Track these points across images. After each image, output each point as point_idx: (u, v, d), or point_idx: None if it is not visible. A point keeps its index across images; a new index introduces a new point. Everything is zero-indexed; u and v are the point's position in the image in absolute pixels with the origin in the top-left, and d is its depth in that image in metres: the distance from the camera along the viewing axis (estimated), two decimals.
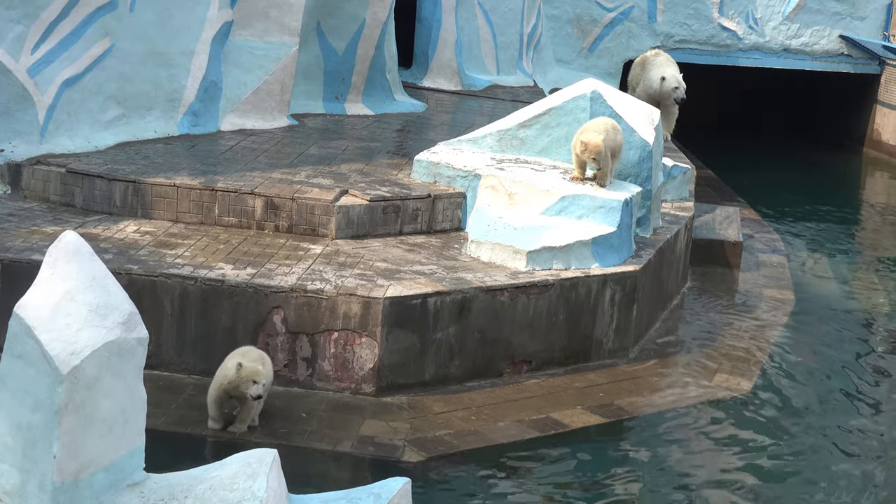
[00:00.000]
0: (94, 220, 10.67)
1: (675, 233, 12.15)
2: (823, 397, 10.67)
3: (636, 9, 22.94)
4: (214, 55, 13.38)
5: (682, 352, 11.25)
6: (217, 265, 9.72)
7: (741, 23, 23.40)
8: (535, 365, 10.20)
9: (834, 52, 23.99)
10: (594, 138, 10.74)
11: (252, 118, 13.87)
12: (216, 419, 8.62)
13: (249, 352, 8.68)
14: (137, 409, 5.37)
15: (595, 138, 10.73)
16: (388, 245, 10.76)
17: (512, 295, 9.98)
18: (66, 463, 5.05)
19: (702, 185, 17.09)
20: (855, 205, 20.63)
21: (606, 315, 10.51)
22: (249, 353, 8.64)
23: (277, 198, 10.80)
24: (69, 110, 11.88)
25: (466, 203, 11.41)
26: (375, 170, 12.14)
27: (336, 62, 15.43)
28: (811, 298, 13.61)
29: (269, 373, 8.65)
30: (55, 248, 5.31)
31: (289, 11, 14.02)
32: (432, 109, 16.48)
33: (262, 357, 8.69)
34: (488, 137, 12.13)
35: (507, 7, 19.65)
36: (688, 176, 13.91)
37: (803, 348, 11.85)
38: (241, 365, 8.39)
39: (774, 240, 16.01)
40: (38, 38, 11.58)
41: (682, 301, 12.70)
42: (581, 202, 10.73)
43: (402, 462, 8.45)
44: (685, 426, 9.73)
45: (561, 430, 9.28)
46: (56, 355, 5.02)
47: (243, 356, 8.57)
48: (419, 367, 9.61)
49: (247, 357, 8.55)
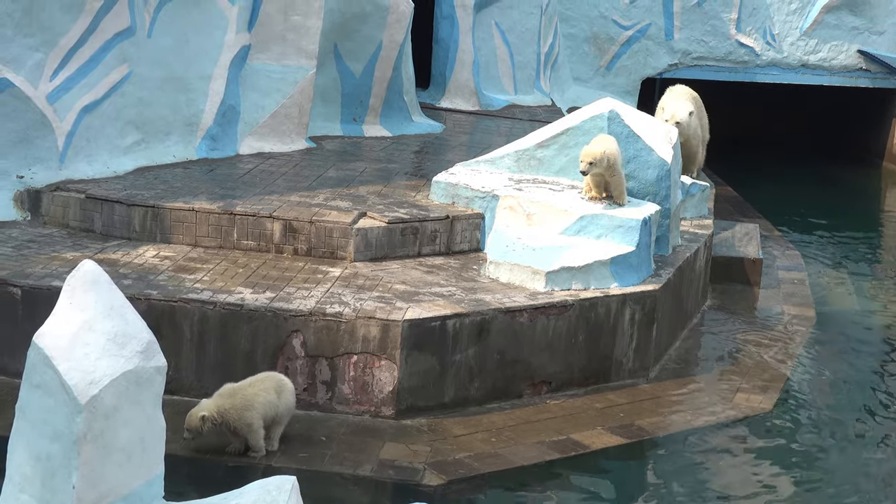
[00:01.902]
0: (114, 246, 10.71)
1: (695, 251, 12.12)
2: (846, 416, 10.60)
3: (653, 26, 22.94)
4: (232, 79, 13.43)
5: (702, 371, 11.20)
6: (236, 289, 9.74)
7: (758, 39, 23.37)
8: (554, 386, 10.17)
9: (852, 67, 23.93)
10: (590, 148, 10.83)
11: (270, 141, 13.90)
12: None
13: (266, 379, 8.69)
14: (156, 438, 5.38)
15: (592, 148, 10.82)
16: (407, 267, 10.76)
17: (531, 316, 9.97)
18: (86, 493, 5.06)
19: (721, 202, 17.05)
20: (875, 219, 20.54)
21: (626, 335, 10.48)
22: (267, 380, 8.66)
23: (296, 221, 10.82)
24: (88, 136, 11.94)
25: (485, 224, 11.41)
26: (393, 191, 12.15)
27: (353, 84, 15.47)
28: (832, 315, 13.55)
29: (287, 401, 8.67)
30: (73, 278, 5.32)
31: (306, 35, 14.07)
32: (450, 130, 16.49)
33: (281, 384, 8.70)
34: (506, 158, 12.14)
35: (524, 27, 19.67)
36: (706, 193, 13.89)
37: (825, 366, 11.79)
38: (204, 417, 8.41)
39: (794, 256, 15.96)
40: (57, 65, 11.65)
41: (702, 319, 12.66)
42: (599, 222, 10.72)
43: (422, 486, 8.43)
44: (706, 446, 9.69)
45: (581, 451, 9.24)
46: (74, 385, 5.04)
47: (260, 382, 8.60)
48: (439, 389, 9.60)
49: (259, 386, 8.58)
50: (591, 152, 10.74)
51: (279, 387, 8.65)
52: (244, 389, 8.58)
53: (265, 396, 8.55)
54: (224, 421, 8.45)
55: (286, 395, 8.68)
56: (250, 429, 8.47)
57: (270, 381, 8.66)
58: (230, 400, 8.50)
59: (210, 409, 8.44)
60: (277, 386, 8.65)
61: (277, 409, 8.59)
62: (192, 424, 8.40)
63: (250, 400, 8.50)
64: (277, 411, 8.60)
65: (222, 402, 8.49)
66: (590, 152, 10.74)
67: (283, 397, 8.63)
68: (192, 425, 8.41)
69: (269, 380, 8.68)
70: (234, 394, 8.55)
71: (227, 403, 8.48)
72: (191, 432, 8.42)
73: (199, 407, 8.48)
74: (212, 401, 8.52)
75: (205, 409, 8.43)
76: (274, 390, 8.60)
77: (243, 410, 8.46)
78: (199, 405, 8.51)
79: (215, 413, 8.41)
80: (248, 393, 8.55)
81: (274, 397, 8.58)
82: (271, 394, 8.58)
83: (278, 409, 8.60)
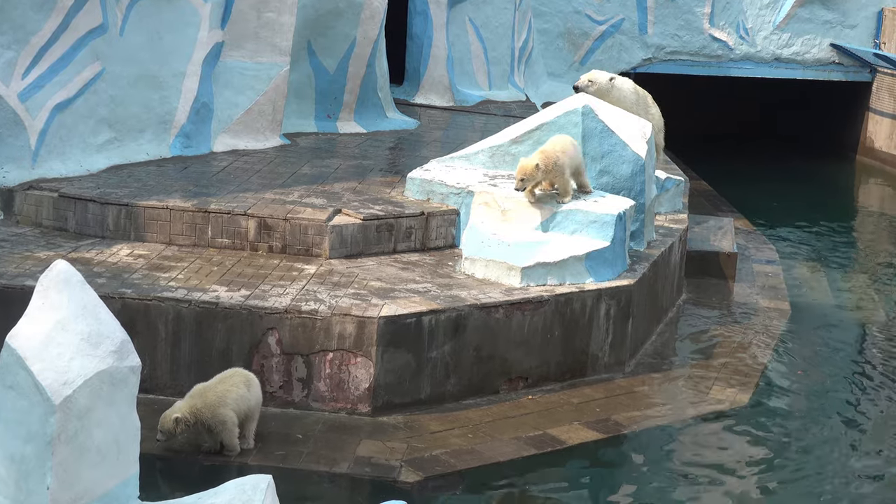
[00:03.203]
0: (87, 245, 10.66)
1: (670, 245, 12.14)
2: (821, 408, 10.65)
3: (627, 21, 22.96)
4: (205, 77, 13.38)
5: (678, 365, 11.23)
6: (211, 287, 9.70)
7: (732, 33, 23.43)
8: (531, 381, 10.18)
9: (825, 61, 24.02)
10: (525, 162, 10.51)
11: (244, 139, 13.86)
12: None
13: (234, 375, 8.68)
14: (131, 438, 5.35)
15: (526, 162, 10.51)
16: (382, 264, 10.75)
17: (507, 312, 9.97)
18: (61, 494, 5.03)
19: (695, 196, 17.09)
20: (849, 213, 20.64)
21: (602, 330, 10.50)
22: (235, 376, 8.65)
23: (270, 218, 10.79)
24: (61, 135, 11.87)
25: (460, 220, 11.41)
26: (368, 188, 12.13)
27: (327, 81, 15.43)
28: (807, 308, 13.61)
29: (256, 395, 8.66)
30: (46, 278, 5.29)
31: (279, 31, 14.03)
32: (425, 126, 16.48)
33: (248, 378, 8.69)
34: (481, 154, 12.13)
35: (498, 22, 19.66)
36: (681, 188, 13.92)
37: (800, 359, 11.84)
38: (177, 419, 8.39)
39: (769, 250, 16.01)
40: (29, 64, 11.58)
41: (678, 314, 12.69)
42: (574, 217, 10.72)
43: (399, 482, 8.43)
44: (683, 440, 9.71)
45: (558, 446, 9.26)
46: (48, 385, 5.01)
47: (229, 378, 8.59)
48: (415, 386, 9.60)
49: (229, 381, 8.57)
50: (523, 167, 10.50)
51: (247, 381, 8.66)
52: (214, 387, 8.56)
53: (236, 391, 8.54)
54: (198, 420, 8.42)
55: (255, 389, 8.69)
56: (224, 426, 8.44)
57: (238, 377, 8.66)
58: (202, 399, 8.48)
59: (183, 410, 8.41)
60: (246, 380, 8.66)
61: (249, 403, 8.59)
62: (166, 427, 8.37)
63: (222, 396, 8.48)
64: (249, 405, 8.59)
65: (194, 402, 8.46)
66: (522, 167, 10.51)
67: (252, 390, 8.64)
68: (165, 427, 8.38)
69: (236, 375, 8.68)
70: (205, 392, 8.53)
71: (200, 402, 8.45)
72: (164, 434, 8.40)
73: (171, 409, 8.45)
74: (184, 402, 8.50)
75: (178, 411, 8.40)
76: (243, 384, 8.60)
77: (217, 407, 8.43)
78: (171, 407, 8.48)
79: (188, 414, 8.38)
80: (219, 390, 8.53)
81: (245, 391, 8.57)
82: (241, 388, 8.57)
83: (250, 402, 8.60)
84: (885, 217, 20.21)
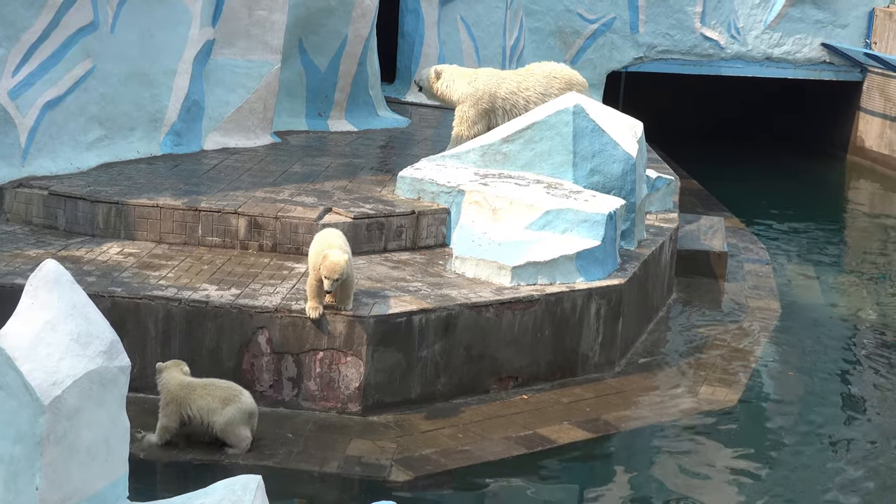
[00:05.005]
0: (78, 243, 10.64)
1: (660, 245, 12.15)
2: (811, 408, 10.67)
3: (618, 20, 22.96)
4: (196, 74, 13.37)
5: (668, 364, 11.24)
6: (201, 286, 9.69)
7: (723, 32, 23.44)
8: (521, 380, 10.18)
9: (816, 60, 24.05)
10: (337, 257, 9.10)
11: (235, 137, 13.84)
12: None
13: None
14: (120, 438, 5.34)
15: (338, 257, 9.10)
16: (373, 262, 10.74)
17: (497, 311, 9.97)
18: (50, 494, 5.02)
19: (686, 195, 17.10)
20: (839, 212, 20.66)
21: (592, 329, 10.50)
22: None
23: (261, 217, 10.78)
24: (51, 132, 11.85)
25: (451, 219, 11.40)
26: (359, 187, 12.12)
27: (318, 79, 15.42)
28: (797, 307, 13.62)
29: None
30: (35, 278, 5.27)
31: (270, 29, 14.01)
32: (416, 124, 16.47)
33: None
34: (472, 153, 12.12)
35: (490, 20, 19.66)
36: (671, 187, 13.92)
37: (790, 358, 11.85)
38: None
39: (760, 249, 16.03)
40: (19, 61, 11.56)
41: (668, 313, 12.70)
42: (565, 216, 10.72)
43: (389, 482, 8.43)
44: (672, 440, 9.72)
45: (548, 445, 9.26)
46: (37, 386, 4.98)
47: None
48: (405, 385, 9.59)
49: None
50: (338, 266, 9.06)
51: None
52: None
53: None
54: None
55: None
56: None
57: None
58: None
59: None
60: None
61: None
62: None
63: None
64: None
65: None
66: (337, 266, 9.06)
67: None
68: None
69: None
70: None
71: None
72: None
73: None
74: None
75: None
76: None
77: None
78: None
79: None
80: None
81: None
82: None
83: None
84: (875, 216, 20.24)
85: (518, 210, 10.81)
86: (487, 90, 12.76)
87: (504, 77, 12.98)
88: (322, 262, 9.04)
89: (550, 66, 13.17)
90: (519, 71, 13.26)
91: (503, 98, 12.75)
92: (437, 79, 13.00)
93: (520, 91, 12.79)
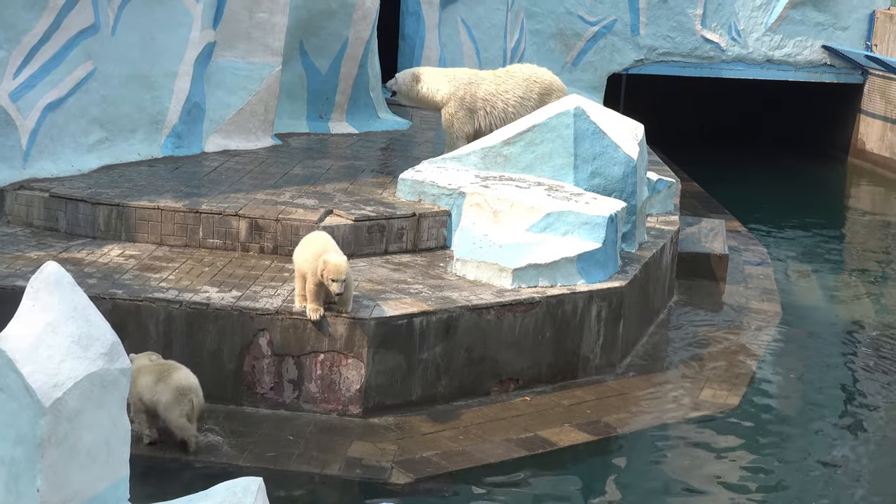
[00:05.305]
0: (78, 245, 10.64)
1: (661, 247, 12.15)
2: (811, 411, 10.67)
3: (619, 22, 22.97)
4: (197, 77, 13.37)
5: (669, 367, 11.24)
6: (202, 288, 9.69)
7: (724, 35, 23.45)
8: (522, 383, 10.18)
9: (817, 63, 24.05)
10: (339, 259, 9.13)
11: (236, 139, 13.85)
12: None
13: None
14: (121, 440, 5.33)
15: (340, 259, 9.14)
16: (374, 265, 10.74)
17: (498, 313, 9.97)
18: (50, 496, 5.01)
19: (687, 197, 17.11)
20: (840, 214, 20.66)
21: (593, 331, 10.50)
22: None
23: (262, 219, 10.78)
24: (52, 134, 11.85)
25: (451, 221, 11.41)
26: (360, 189, 12.13)
27: (319, 81, 15.42)
28: (798, 310, 13.62)
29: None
30: (36, 280, 5.26)
31: (271, 32, 14.02)
32: (416, 127, 16.47)
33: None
34: (472, 155, 12.13)
35: (490, 23, 19.67)
36: (672, 189, 13.93)
37: (791, 361, 11.85)
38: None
39: (760, 252, 16.03)
40: (20, 63, 11.56)
41: (669, 315, 12.70)
42: (566, 219, 10.72)
43: (390, 484, 8.43)
44: (673, 442, 9.72)
45: (549, 448, 9.26)
46: (38, 388, 4.98)
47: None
48: (406, 387, 9.59)
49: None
50: (342, 267, 9.08)
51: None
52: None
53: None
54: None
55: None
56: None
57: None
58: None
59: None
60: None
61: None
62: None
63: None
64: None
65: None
66: (342, 267, 9.08)
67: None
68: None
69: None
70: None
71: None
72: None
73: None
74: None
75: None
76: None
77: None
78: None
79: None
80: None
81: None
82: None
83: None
84: (876, 218, 20.23)
85: (519, 212, 10.82)
86: (469, 90, 12.85)
87: (483, 77, 13.07)
88: (324, 267, 9.04)
89: (530, 70, 13.21)
90: (497, 72, 13.31)
91: (483, 99, 12.85)
92: (416, 82, 13.06)
93: (499, 93, 12.87)
